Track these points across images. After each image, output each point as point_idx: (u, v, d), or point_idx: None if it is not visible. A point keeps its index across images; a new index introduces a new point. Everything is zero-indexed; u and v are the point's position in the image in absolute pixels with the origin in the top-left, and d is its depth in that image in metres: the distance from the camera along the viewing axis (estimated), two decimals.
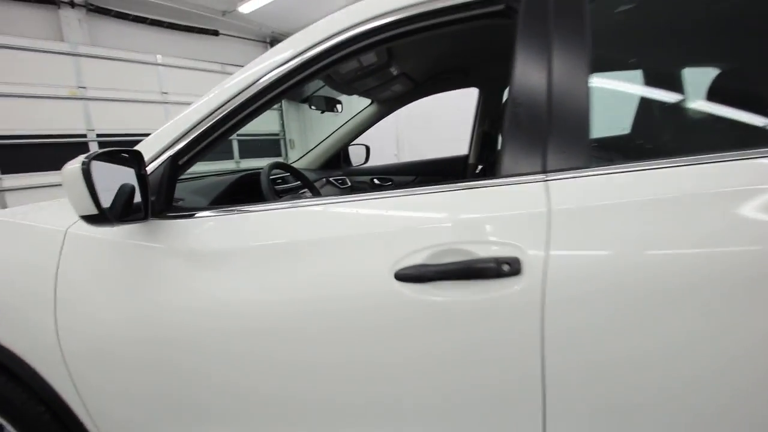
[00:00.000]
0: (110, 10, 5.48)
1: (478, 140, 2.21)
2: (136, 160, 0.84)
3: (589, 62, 0.74)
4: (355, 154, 2.56)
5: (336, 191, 2.26)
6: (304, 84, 0.88)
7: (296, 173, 1.53)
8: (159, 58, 5.76)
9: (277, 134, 7.10)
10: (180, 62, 5.88)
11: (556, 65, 0.75)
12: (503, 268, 0.68)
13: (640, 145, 0.76)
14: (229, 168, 6.32)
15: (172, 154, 0.90)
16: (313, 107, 1.86)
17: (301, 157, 2.40)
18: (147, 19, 5.81)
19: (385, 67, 1.46)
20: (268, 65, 0.87)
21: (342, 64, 1.29)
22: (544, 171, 0.73)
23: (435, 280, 0.72)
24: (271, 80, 0.86)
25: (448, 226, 0.73)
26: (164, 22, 5.95)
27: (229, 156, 6.35)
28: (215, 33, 6.48)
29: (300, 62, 0.85)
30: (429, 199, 0.78)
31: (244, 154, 6.52)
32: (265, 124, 6.77)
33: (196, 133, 0.89)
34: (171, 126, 0.91)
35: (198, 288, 0.82)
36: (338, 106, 2.04)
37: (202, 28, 6.34)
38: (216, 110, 0.89)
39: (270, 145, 6.99)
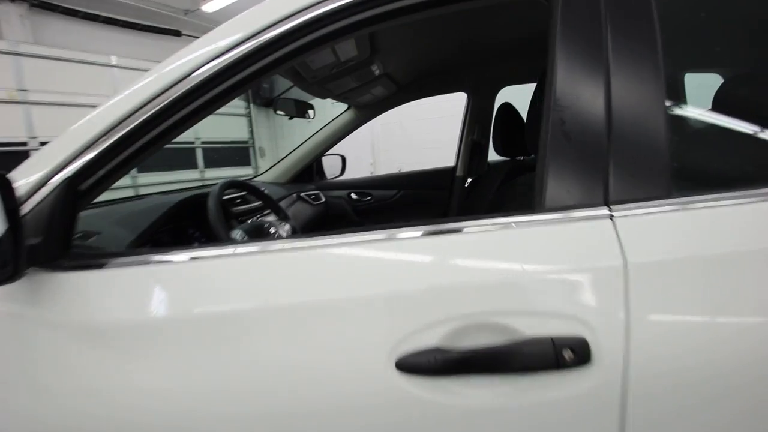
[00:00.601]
0: (57, 6, 4.99)
1: (467, 150, 2.00)
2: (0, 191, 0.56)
3: (664, 54, 0.53)
4: (330, 166, 2.30)
5: (308, 208, 1.99)
6: (260, 79, 0.63)
7: (257, 193, 1.26)
8: (113, 60, 5.29)
9: (245, 142, 6.72)
10: (138, 64, 5.43)
11: (618, 57, 0.54)
12: (564, 355, 0.45)
13: (744, 167, 0.56)
14: (193, 178, 5.88)
15: (68, 176, 0.62)
16: (279, 112, 1.58)
17: (268, 169, 2.12)
18: (99, 16, 5.34)
19: (366, 65, 1.22)
20: (207, 53, 0.61)
21: (314, 57, 1.06)
22: (607, 203, 0.51)
23: (456, 373, 0.48)
24: (211, 73, 0.60)
25: (474, 285, 0.49)
26: (119, 20, 5.50)
27: (192, 165, 5.91)
28: (177, 33, 6.06)
29: (253, 48, 0.60)
30: (441, 242, 0.54)
31: (209, 163, 6.10)
32: (231, 130, 6.38)
33: (105, 146, 0.62)
34: (65, 139, 0.63)
35: (102, 387, 0.55)
36: (310, 112, 1.78)
37: (162, 28, 5.91)
38: (133, 114, 0.62)
39: (238, 154, 6.60)
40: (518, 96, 1.67)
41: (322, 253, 0.55)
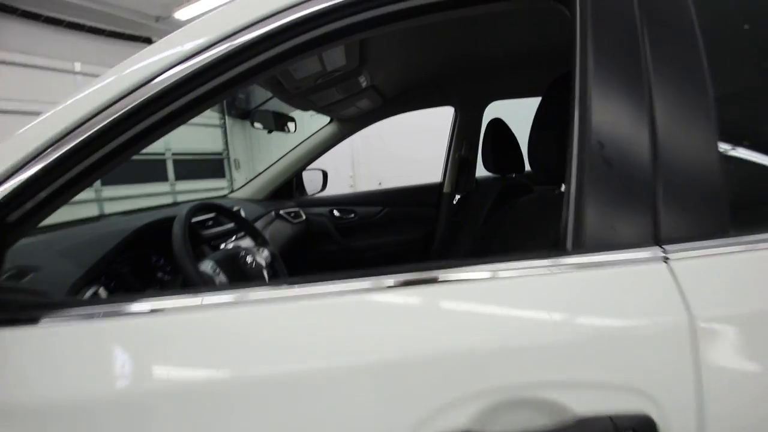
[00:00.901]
0: (16, 9, 4.69)
1: (455, 166, 1.94)
2: None
3: (710, 69, 0.46)
4: (310, 181, 2.18)
5: (288, 227, 1.86)
6: (231, 91, 0.52)
7: (231, 215, 1.13)
8: (78, 66, 5.01)
9: (219, 153, 6.49)
10: (104, 72, 5.16)
11: (659, 73, 0.46)
12: None
13: None
14: (163, 191, 5.60)
15: None
16: (257, 125, 1.46)
17: (244, 185, 1.98)
18: (63, 21, 5.07)
19: (353, 75, 1.13)
20: (166, 59, 0.50)
21: (298, 66, 0.96)
22: (658, 241, 0.43)
23: None
24: (173, 82, 0.49)
25: (507, 349, 0.40)
26: (85, 25, 5.23)
27: (162, 177, 5.63)
28: (148, 41, 5.83)
29: (225, 53, 0.49)
30: (460, 290, 0.44)
31: (180, 176, 5.84)
32: (204, 142, 6.15)
33: (40, 167, 0.50)
34: None
35: None
36: (290, 125, 1.66)
37: (132, 35, 5.68)
38: (78, 128, 0.50)
39: (212, 166, 6.36)
40: (506, 111, 1.62)
41: (312, 306, 0.44)
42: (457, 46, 1.33)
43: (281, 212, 1.87)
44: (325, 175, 2.21)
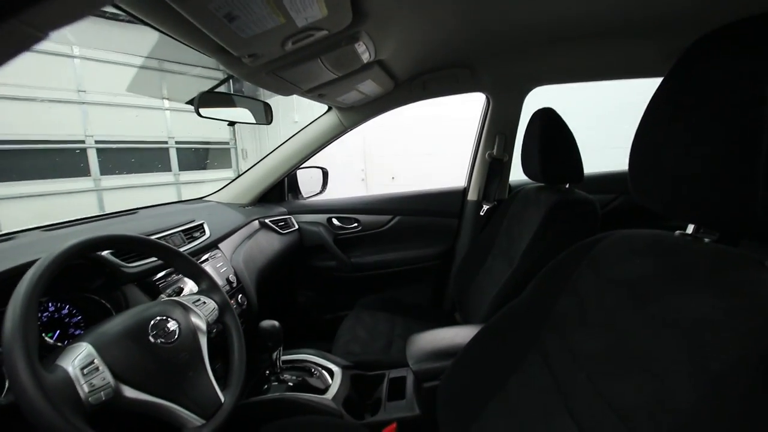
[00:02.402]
0: None
1: (483, 169, 1.55)
2: None
3: None
4: (307, 181, 1.83)
5: (274, 240, 1.51)
6: None
7: (145, 247, 0.75)
8: (76, 51, 4.75)
9: (226, 143, 6.19)
10: (103, 56, 4.90)
11: None
12: None
13: None
14: (166, 181, 5.35)
15: None
16: (203, 114, 1.07)
17: (225, 186, 1.64)
18: None
19: (344, 41, 0.75)
20: None
21: (247, 20, 0.58)
22: None
23: None
24: None
25: None
26: None
27: (166, 168, 5.38)
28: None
29: None
30: None
31: (185, 166, 5.57)
32: (211, 130, 5.86)
33: None
34: None
35: None
36: (261, 113, 1.25)
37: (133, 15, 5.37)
38: None
39: (219, 156, 6.07)
40: (553, 101, 1.21)
41: None
42: (490, 10, 0.94)
43: (267, 221, 1.52)
44: (325, 173, 1.85)
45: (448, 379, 0.80)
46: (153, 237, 0.93)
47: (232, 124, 1.04)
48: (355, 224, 1.70)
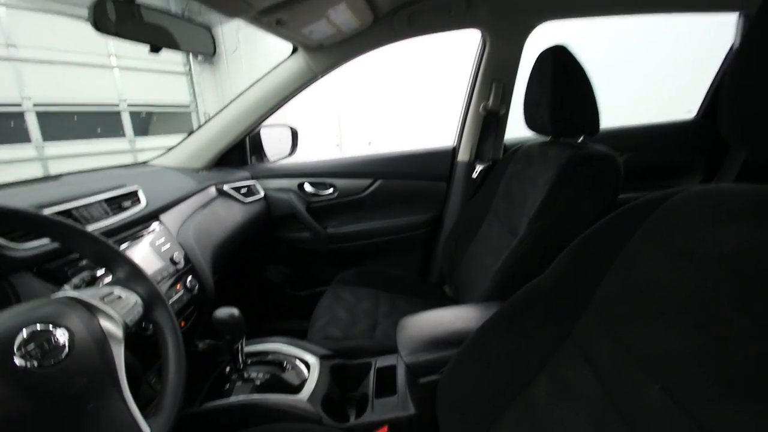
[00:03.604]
0: None
1: (476, 123, 1.35)
2: None
3: None
4: (273, 142, 1.59)
5: (236, 210, 1.29)
6: None
7: (32, 223, 0.52)
8: None
9: (186, 105, 5.67)
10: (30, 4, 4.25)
11: None
12: None
13: None
14: (121, 148, 4.87)
15: None
16: (102, 29, 0.77)
17: (175, 146, 1.38)
18: None
19: None
20: None
21: None
22: None
23: None
24: None
25: None
26: None
27: (117, 132, 4.87)
28: None
29: None
30: None
31: (140, 131, 5.07)
32: (168, 91, 5.32)
33: None
34: None
35: None
36: (206, 39, 0.93)
37: None
38: None
39: (178, 120, 5.56)
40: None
41: None
42: None
43: (226, 187, 1.29)
44: (294, 133, 1.61)
45: (452, 375, 0.64)
46: (57, 209, 0.70)
47: (156, 49, 0.78)
48: (331, 190, 1.49)
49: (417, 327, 0.80)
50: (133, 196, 0.90)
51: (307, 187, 1.48)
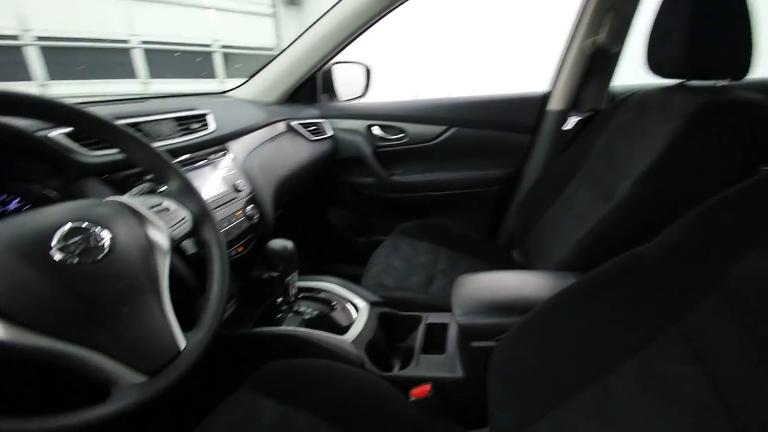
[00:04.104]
0: None
1: (579, 65, 1.14)
2: None
3: None
4: (345, 79, 1.51)
5: (304, 147, 1.27)
6: None
7: (72, 117, 0.50)
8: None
9: (270, 48, 5.79)
10: None
11: None
12: None
13: None
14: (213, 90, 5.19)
15: None
16: None
17: (247, 80, 1.37)
18: None
19: None
20: None
21: None
22: None
23: None
24: None
25: None
26: None
27: (210, 73, 5.16)
28: None
29: None
30: None
31: (232, 73, 5.32)
32: (252, 33, 5.44)
33: None
34: None
35: None
36: None
37: None
38: None
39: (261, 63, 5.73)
40: None
41: None
42: None
43: (294, 124, 1.26)
44: (368, 71, 1.52)
45: (511, 346, 0.56)
46: (128, 121, 0.71)
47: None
48: (401, 135, 1.40)
49: (476, 287, 0.72)
50: (201, 120, 0.90)
51: (376, 131, 1.41)
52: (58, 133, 0.58)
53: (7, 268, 0.35)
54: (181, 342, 0.45)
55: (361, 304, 0.89)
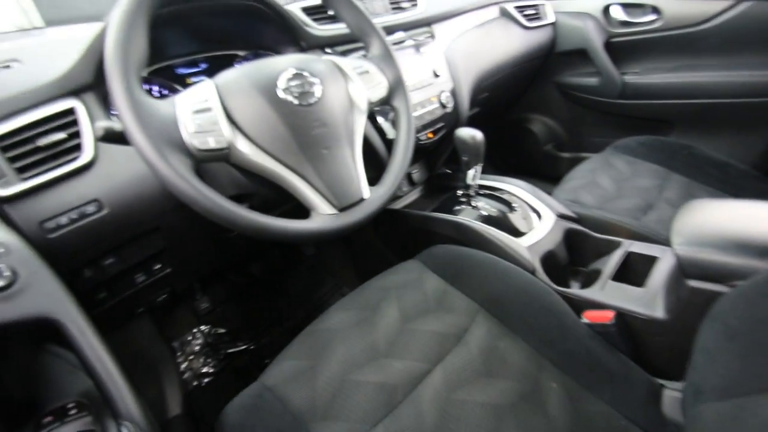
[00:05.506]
0: None
1: None
2: None
3: None
4: None
5: (516, 34, 1.11)
6: None
7: None
8: None
9: None
10: None
11: None
12: None
13: None
14: None
15: None
16: None
17: None
18: None
19: None
20: None
21: None
22: None
23: None
24: None
25: None
26: None
27: None
28: None
29: None
30: None
31: None
32: None
33: None
34: None
35: None
36: None
37: None
38: None
39: None
40: None
41: None
42: None
43: (511, 7, 1.10)
44: None
45: (753, 297, 0.40)
46: None
47: None
48: (653, 17, 1.05)
49: (713, 214, 0.52)
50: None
51: (616, 12, 1.09)
52: (296, 6, 0.68)
53: (251, 101, 0.44)
54: (366, 192, 0.51)
55: (547, 213, 0.80)
